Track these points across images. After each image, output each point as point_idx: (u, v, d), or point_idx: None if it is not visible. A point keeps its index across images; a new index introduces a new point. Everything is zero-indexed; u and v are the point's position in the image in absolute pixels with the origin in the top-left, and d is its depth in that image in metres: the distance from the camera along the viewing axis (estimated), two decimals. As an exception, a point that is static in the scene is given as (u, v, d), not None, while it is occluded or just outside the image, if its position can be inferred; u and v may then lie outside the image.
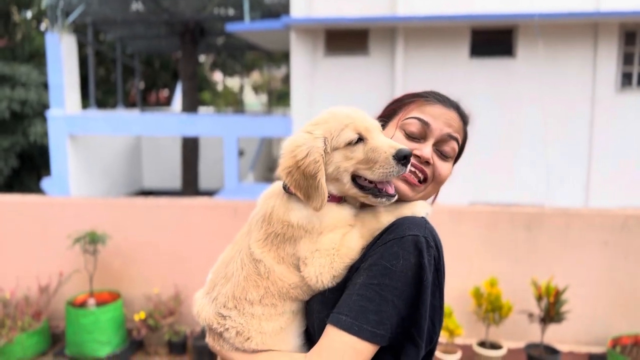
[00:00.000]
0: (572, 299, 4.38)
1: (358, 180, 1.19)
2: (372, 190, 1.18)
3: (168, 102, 24.83)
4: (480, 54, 10.01)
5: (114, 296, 4.97)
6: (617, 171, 9.69)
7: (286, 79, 24.52)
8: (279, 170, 1.19)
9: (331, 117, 1.20)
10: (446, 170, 1.27)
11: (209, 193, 13.46)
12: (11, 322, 4.65)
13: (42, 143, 13.87)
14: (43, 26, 19.78)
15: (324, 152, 1.16)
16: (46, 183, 12.37)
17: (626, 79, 9.79)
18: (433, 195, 1.31)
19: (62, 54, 12.02)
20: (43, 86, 14.41)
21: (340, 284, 1.17)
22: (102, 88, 21.30)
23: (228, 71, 24.59)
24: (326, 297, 1.18)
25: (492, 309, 4.37)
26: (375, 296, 1.09)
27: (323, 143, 1.16)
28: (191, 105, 14.59)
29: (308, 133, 1.19)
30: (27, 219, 5.25)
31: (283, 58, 22.03)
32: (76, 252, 4.82)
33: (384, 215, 1.19)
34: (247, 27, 11.36)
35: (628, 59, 9.74)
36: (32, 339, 4.70)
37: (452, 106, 1.29)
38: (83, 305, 4.79)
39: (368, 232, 1.18)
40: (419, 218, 1.18)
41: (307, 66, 10.42)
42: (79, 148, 12.67)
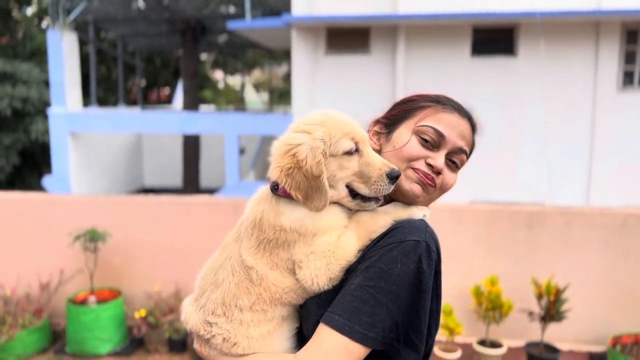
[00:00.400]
0: (573, 298, 4.37)
1: (347, 188, 1.19)
2: (361, 195, 1.19)
3: (169, 100, 24.82)
4: (481, 53, 10.00)
5: (115, 294, 4.98)
6: (619, 170, 9.68)
7: (287, 77, 24.50)
8: (275, 171, 1.16)
9: (329, 121, 1.18)
10: (453, 180, 1.29)
11: (210, 191, 13.46)
12: (12, 319, 4.66)
13: (44, 141, 13.87)
14: (44, 24, 19.78)
15: (324, 155, 1.15)
16: (47, 181, 12.39)
17: (628, 78, 9.78)
18: (434, 201, 1.31)
19: (64, 52, 12.03)
20: (44, 84, 14.41)
21: (337, 285, 1.16)
22: (103, 86, 21.30)
23: (229, 69, 24.58)
24: (322, 299, 1.17)
25: (493, 308, 4.37)
26: (369, 298, 1.08)
27: (323, 145, 1.15)
28: (192, 103, 14.59)
29: (305, 133, 1.17)
30: (28, 217, 5.26)
31: (284, 56, 22.02)
32: (77, 250, 4.82)
33: (382, 216, 1.19)
34: (249, 25, 11.35)
35: (630, 58, 9.72)
36: (33, 336, 4.71)
37: (466, 116, 1.30)
38: (84, 302, 4.79)
39: (365, 233, 1.17)
40: (420, 222, 1.18)
41: (308, 64, 10.41)
42: (80, 146, 12.68)
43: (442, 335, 4.38)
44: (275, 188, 1.18)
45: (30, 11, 19.76)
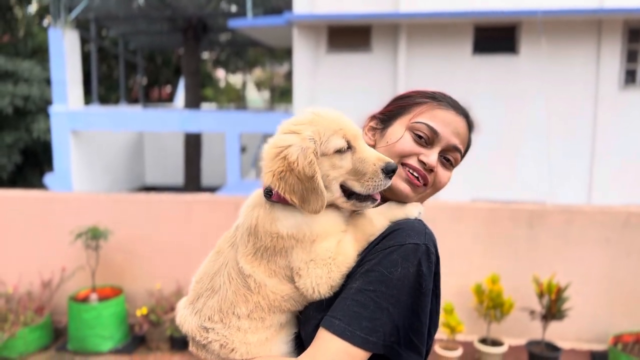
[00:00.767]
0: (574, 296, 4.37)
1: (342, 187, 1.17)
2: (357, 195, 1.17)
3: (170, 99, 24.83)
4: (483, 51, 9.98)
5: (116, 291, 4.99)
6: (620, 169, 9.67)
7: (288, 76, 24.51)
8: (267, 176, 1.13)
9: (318, 119, 1.15)
10: (446, 178, 1.28)
11: (211, 189, 13.47)
12: (14, 317, 4.68)
13: (45, 139, 13.88)
14: (45, 22, 19.79)
15: (315, 155, 1.12)
16: (49, 179, 12.40)
17: (629, 77, 9.76)
18: (428, 198, 1.31)
19: (65, 50, 12.02)
20: (46, 82, 14.41)
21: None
22: (105, 84, 21.32)
23: (230, 67, 24.57)
24: (322, 304, 1.15)
25: (494, 306, 4.38)
26: (370, 303, 1.08)
27: (313, 145, 1.12)
28: (193, 101, 14.60)
29: (294, 133, 1.14)
30: (30, 215, 5.27)
31: (285, 54, 22.01)
32: (78, 248, 4.83)
33: (379, 218, 1.17)
34: (250, 24, 11.34)
35: (632, 56, 9.70)
36: (35, 334, 4.72)
37: (462, 113, 1.28)
38: (85, 300, 4.80)
39: (363, 237, 1.15)
40: (419, 223, 1.17)
41: (310, 62, 10.40)
42: (82, 144, 12.69)
43: (444, 333, 4.39)
44: (268, 194, 1.16)
45: (31, 9, 19.76)
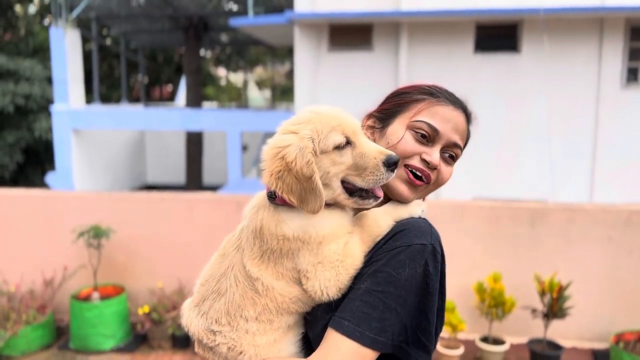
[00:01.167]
0: (576, 295, 4.37)
1: (344, 184, 1.16)
2: (359, 192, 1.17)
3: (172, 97, 24.84)
4: (484, 49, 9.97)
5: (118, 290, 4.99)
6: (622, 167, 9.65)
7: (290, 74, 24.50)
8: (266, 176, 1.13)
9: (315, 117, 1.15)
10: (448, 173, 1.28)
11: (213, 188, 13.48)
12: (16, 316, 4.69)
13: (47, 138, 13.90)
14: (46, 21, 19.80)
15: (314, 154, 1.12)
16: (50, 178, 12.41)
17: (631, 75, 9.73)
18: (429, 194, 1.31)
19: (66, 49, 12.02)
20: (47, 81, 14.43)
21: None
22: (106, 83, 21.33)
23: (232, 66, 24.56)
24: (331, 305, 1.16)
25: (495, 304, 4.38)
26: (378, 303, 1.08)
27: (312, 143, 1.12)
28: (195, 100, 14.60)
29: (292, 133, 1.13)
30: (32, 214, 5.28)
31: (287, 53, 22.00)
32: (80, 246, 4.84)
33: (383, 218, 1.17)
34: (251, 22, 11.34)
35: (634, 55, 9.68)
36: (37, 332, 4.73)
37: (461, 107, 1.28)
38: (87, 299, 4.81)
39: (369, 238, 1.16)
40: (424, 223, 1.17)
41: (311, 61, 10.40)
42: (83, 143, 12.69)
43: (445, 332, 4.39)
44: (272, 196, 1.16)
45: (32, 8, 19.77)
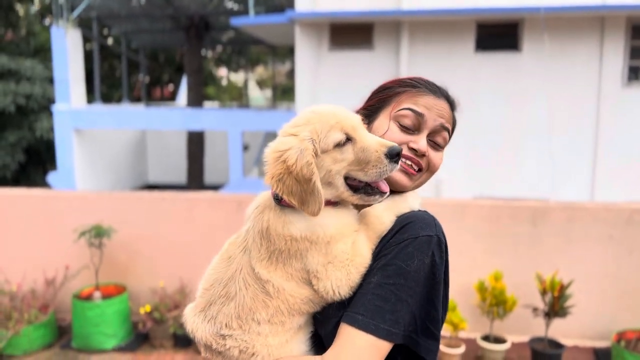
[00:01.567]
0: (577, 294, 4.37)
1: (348, 181, 1.17)
2: (364, 189, 1.18)
3: (173, 97, 24.85)
4: (485, 48, 9.96)
5: (120, 289, 5.00)
6: (623, 166, 9.64)
7: (291, 74, 24.49)
8: (268, 179, 1.14)
9: (314, 118, 1.16)
10: (439, 159, 1.30)
11: (214, 187, 13.48)
12: (18, 315, 4.70)
13: (48, 138, 13.92)
14: (47, 21, 19.81)
15: (314, 155, 1.13)
16: (52, 177, 12.42)
17: (632, 73, 9.72)
18: (425, 183, 1.33)
19: (68, 49, 12.03)
20: (48, 80, 14.45)
21: None
22: (107, 82, 21.35)
23: (232, 66, 24.56)
24: (343, 303, 1.17)
25: (497, 303, 4.38)
26: (390, 296, 1.10)
27: (312, 144, 1.13)
28: (196, 99, 14.60)
29: (292, 135, 1.14)
30: (34, 213, 5.29)
31: (288, 53, 21.99)
32: (82, 246, 4.85)
33: (385, 214, 1.18)
34: (252, 22, 11.34)
35: (635, 53, 9.66)
36: (39, 332, 4.74)
37: (442, 95, 1.30)
38: (89, 298, 4.82)
39: (374, 235, 1.17)
40: (427, 216, 1.19)
41: (312, 60, 10.40)
42: (85, 142, 12.71)
43: (447, 330, 4.40)
44: (278, 198, 1.17)
45: (33, 8, 19.78)
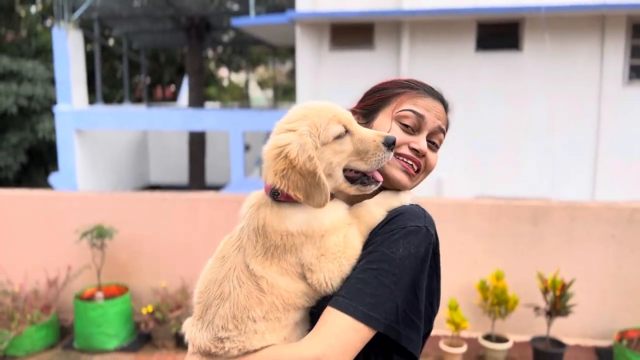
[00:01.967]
0: (578, 293, 4.37)
1: (345, 172, 1.20)
2: (361, 179, 1.21)
3: (174, 97, 24.86)
4: (486, 48, 9.96)
5: (122, 290, 5.01)
6: (624, 165, 9.63)
7: (291, 74, 24.50)
8: (270, 176, 1.14)
9: (310, 112, 1.18)
10: (435, 160, 1.34)
11: (216, 187, 13.50)
12: (20, 316, 4.71)
13: (50, 139, 13.94)
14: (49, 22, 19.84)
15: (314, 148, 1.14)
16: (54, 178, 12.44)
17: (633, 72, 9.71)
18: (421, 182, 1.36)
19: (69, 50, 12.05)
20: (49, 81, 14.47)
21: None
22: (109, 83, 21.35)
23: (233, 66, 24.57)
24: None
25: (498, 303, 4.38)
26: (372, 280, 1.12)
27: (311, 138, 1.14)
28: (197, 100, 14.62)
29: (291, 131, 1.15)
30: (35, 214, 5.30)
31: (288, 53, 22.00)
32: (84, 246, 4.86)
33: (377, 209, 1.22)
34: (253, 22, 11.35)
35: (635, 52, 9.65)
36: (41, 332, 4.75)
37: (438, 98, 1.34)
38: (91, 298, 4.83)
39: (365, 228, 1.20)
40: (418, 208, 1.24)
41: (313, 61, 10.40)
42: (86, 143, 12.72)
43: (448, 330, 4.40)
44: (275, 194, 1.17)
45: (35, 9, 19.80)
